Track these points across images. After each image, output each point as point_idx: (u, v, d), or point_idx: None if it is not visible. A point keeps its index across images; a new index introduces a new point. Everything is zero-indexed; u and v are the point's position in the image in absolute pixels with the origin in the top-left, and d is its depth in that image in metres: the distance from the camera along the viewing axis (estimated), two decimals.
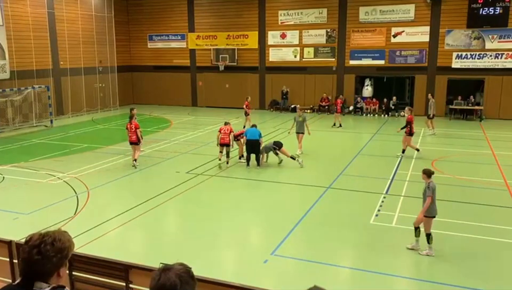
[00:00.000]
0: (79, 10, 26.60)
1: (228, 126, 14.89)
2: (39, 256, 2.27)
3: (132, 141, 14.57)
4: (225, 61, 28.93)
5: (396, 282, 7.60)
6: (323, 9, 26.73)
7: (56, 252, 2.30)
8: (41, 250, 2.27)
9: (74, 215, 10.44)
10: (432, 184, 8.16)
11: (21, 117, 23.00)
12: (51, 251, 2.28)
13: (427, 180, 8.22)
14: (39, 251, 2.27)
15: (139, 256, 8.18)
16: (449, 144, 18.32)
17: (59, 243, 2.32)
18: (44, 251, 2.27)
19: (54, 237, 2.33)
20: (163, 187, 12.38)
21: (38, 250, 2.27)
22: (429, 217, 8.21)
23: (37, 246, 2.28)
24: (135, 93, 31.99)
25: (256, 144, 14.53)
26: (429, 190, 8.11)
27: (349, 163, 15.03)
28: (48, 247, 2.28)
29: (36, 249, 2.27)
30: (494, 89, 24.38)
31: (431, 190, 8.10)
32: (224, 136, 14.60)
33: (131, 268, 5.32)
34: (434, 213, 8.22)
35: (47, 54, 24.74)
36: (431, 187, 8.11)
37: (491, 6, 23.63)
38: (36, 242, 2.30)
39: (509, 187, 12.37)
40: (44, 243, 2.28)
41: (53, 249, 2.29)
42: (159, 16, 30.56)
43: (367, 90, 26.96)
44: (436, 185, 8.26)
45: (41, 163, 15.26)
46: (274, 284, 7.46)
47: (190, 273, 2.19)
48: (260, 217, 10.61)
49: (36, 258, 2.27)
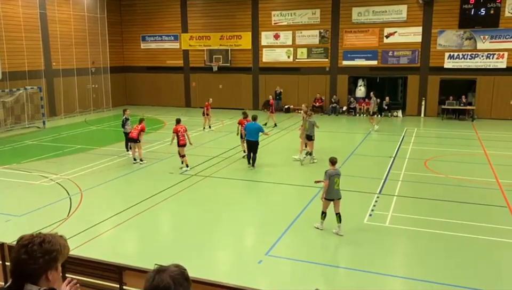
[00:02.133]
0: (71, 11, 26.45)
1: (182, 125, 14.66)
2: (25, 255, 2.26)
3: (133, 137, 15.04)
4: (218, 61, 28.91)
5: (390, 282, 7.63)
6: (316, 9, 26.79)
7: (43, 253, 2.28)
8: (28, 250, 2.27)
9: (68, 217, 10.38)
10: (330, 171, 9.16)
11: (13, 118, 22.83)
12: (38, 251, 2.27)
13: (329, 167, 9.30)
14: (26, 251, 2.26)
15: (133, 257, 8.16)
16: (441, 144, 18.44)
17: (48, 245, 2.30)
18: (31, 251, 2.26)
19: (44, 238, 2.32)
20: (157, 189, 12.34)
21: (25, 250, 2.27)
22: (327, 200, 9.26)
23: (25, 246, 2.28)
24: (128, 94, 31.87)
25: (255, 145, 14.44)
26: (326, 175, 9.16)
27: (343, 164, 15.05)
28: (35, 247, 2.27)
29: (23, 249, 2.27)
30: (486, 89, 24.57)
31: (327, 175, 9.13)
32: (182, 137, 14.36)
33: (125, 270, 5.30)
34: (331, 196, 9.22)
35: (39, 55, 24.58)
36: (328, 173, 9.14)
37: (482, 7, 23.81)
38: (24, 242, 2.30)
39: (501, 186, 12.47)
40: (32, 243, 2.28)
41: (41, 249, 2.28)
42: (152, 17, 30.48)
43: (360, 90, 27.07)
44: (335, 172, 9.19)
45: (34, 164, 15.15)
46: (268, 285, 7.46)
47: (184, 275, 2.19)
48: (254, 218, 10.61)
49: (23, 258, 2.26)
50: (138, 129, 14.86)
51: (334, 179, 9.13)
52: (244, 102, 28.62)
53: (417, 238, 9.18)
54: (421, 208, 10.83)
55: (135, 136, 14.85)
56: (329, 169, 9.27)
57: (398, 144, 17.98)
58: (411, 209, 10.82)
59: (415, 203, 11.24)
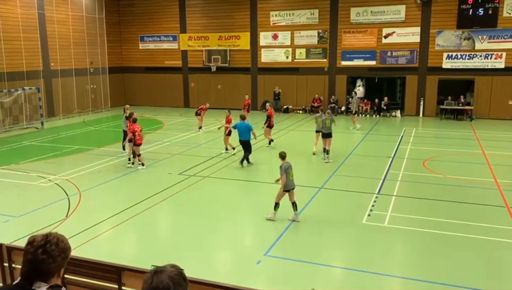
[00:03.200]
0: (70, 11, 26.42)
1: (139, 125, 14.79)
2: (44, 255, 2.33)
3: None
4: (217, 62, 28.92)
5: (389, 282, 7.63)
6: (315, 10, 26.81)
7: (60, 252, 2.37)
8: (47, 249, 2.33)
9: (66, 217, 10.36)
10: (285, 165, 9.76)
11: (11, 119, 22.80)
12: (56, 250, 2.35)
13: (282, 162, 9.88)
14: (45, 251, 2.33)
15: (132, 258, 8.15)
16: (440, 144, 18.45)
17: (62, 243, 2.40)
18: (50, 251, 2.33)
19: (57, 237, 2.40)
20: (155, 189, 12.33)
21: (44, 250, 2.33)
22: (285, 191, 9.81)
23: (43, 246, 2.34)
24: (127, 94, 31.83)
25: (248, 144, 14.60)
26: (281, 169, 9.75)
27: (341, 164, 15.06)
28: (53, 247, 2.35)
29: (41, 249, 2.33)
30: (484, 89, 24.61)
31: (283, 169, 9.72)
32: (139, 136, 14.52)
33: (123, 270, 5.28)
34: (288, 187, 9.80)
35: (37, 55, 24.55)
36: (283, 167, 9.74)
37: (481, 7, 23.85)
38: (41, 242, 2.35)
39: (500, 186, 12.48)
40: (49, 243, 2.35)
41: (58, 248, 2.36)
42: (151, 17, 30.46)
43: (359, 90, 27.08)
44: (288, 165, 9.78)
45: (32, 165, 15.13)
46: (267, 285, 7.46)
47: (182, 275, 2.19)
48: (253, 218, 10.60)
49: (42, 258, 2.32)
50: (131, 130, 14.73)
51: (289, 171, 9.78)
52: (242, 102, 28.58)
53: (415, 238, 9.18)
54: (419, 208, 10.84)
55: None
56: (283, 163, 9.86)
57: (397, 144, 18.00)
58: (410, 209, 10.83)
59: (414, 203, 11.25)
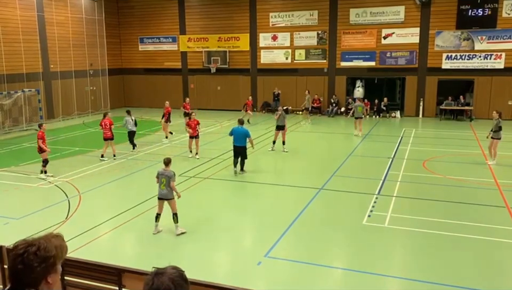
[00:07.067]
0: (69, 13, 26.43)
1: (108, 119, 15.62)
2: (22, 265, 2.19)
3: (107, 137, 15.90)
4: (216, 63, 28.93)
5: (390, 283, 7.63)
6: (314, 11, 26.82)
7: (40, 262, 2.21)
8: (24, 260, 2.20)
9: (66, 219, 10.36)
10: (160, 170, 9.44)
11: (11, 121, 22.80)
12: (34, 261, 2.20)
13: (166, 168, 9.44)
14: (22, 261, 2.20)
15: (132, 259, 8.14)
16: (440, 145, 18.45)
17: (43, 252, 2.23)
18: (27, 261, 2.20)
19: (38, 246, 2.24)
20: (155, 190, 12.26)
21: (21, 260, 2.20)
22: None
23: (21, 255, 2.21)
24: (126, 96, 31.84)
25: (243, 151, 14.03)
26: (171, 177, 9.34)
27: (341, 164, 15.06)
28: (31, 257, 2.20)
29: (19, 258, 2.20)
30: (484, 90, 24.62)
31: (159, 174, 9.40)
32: (106, 130, 15.32)
33: (124, 272, 5.28)
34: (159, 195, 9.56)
35: (37, 57, 24.55)
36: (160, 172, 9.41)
37: (480, 8, 23.87)
38: (20, 251, 2.22)
39: (500, 186, 12.49)
40: (27, 253, 2.21)
41: (36, 258, 2.21)
42: (150, 19, 30.48)
43: (358, 91, 27.06)
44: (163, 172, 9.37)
45: (32, 167, 15.12)
46: (268, 286, 7.45)
47: (183, 277, 2.18)
48: (253, 219, 10.60)
49: (19, 268, 2.20)
50: (109, 127, 15.74)
51: (161, 179, 9.38)
52: (242, 103, 28.59)
53: (416, 239, 9.18)
54: (419, 209, 10.84)
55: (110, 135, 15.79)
56: (160, 169, 9.56)
57: (396, 145, 18.00)
58: (410, 210, 10.83)
59: (414, 204, 11.25)
